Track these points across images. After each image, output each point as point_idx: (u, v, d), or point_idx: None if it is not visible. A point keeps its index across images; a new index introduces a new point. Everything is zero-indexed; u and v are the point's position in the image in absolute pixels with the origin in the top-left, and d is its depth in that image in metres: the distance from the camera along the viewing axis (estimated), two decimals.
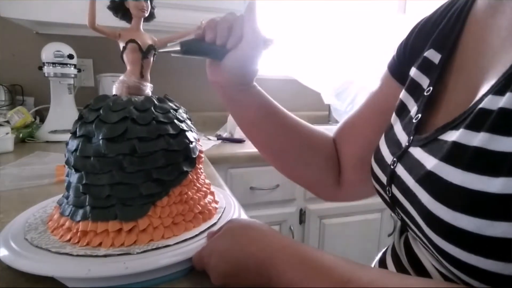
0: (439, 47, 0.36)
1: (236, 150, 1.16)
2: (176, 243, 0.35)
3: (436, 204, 0.25)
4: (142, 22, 0.44)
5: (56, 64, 1.13)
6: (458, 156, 0.25)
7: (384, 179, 0.36)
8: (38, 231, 0.37)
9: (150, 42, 0.44)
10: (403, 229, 0.41)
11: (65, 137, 1.10)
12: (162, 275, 0.34)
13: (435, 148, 0.28)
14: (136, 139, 0.36)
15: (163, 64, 1.47)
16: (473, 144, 0.24)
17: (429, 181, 0.27)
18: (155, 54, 0.45)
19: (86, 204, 0.35)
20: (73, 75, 1.18)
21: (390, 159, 0.35)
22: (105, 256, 0.32)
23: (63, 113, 1.19)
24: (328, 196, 0.55)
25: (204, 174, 0.46)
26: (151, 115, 0.38)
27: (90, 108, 0.39)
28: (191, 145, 0.41)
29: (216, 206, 0.44)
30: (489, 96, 0.25)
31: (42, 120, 1.22)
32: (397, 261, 0.37)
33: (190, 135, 0.41)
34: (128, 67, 0.43)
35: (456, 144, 0.26)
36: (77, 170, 0.37)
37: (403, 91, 0.39)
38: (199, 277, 0.35)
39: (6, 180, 0.67)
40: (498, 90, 0.24)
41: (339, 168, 0.52)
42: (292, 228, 1.24)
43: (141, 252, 0.33)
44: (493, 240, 0.21)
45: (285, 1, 1.61)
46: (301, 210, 1.25)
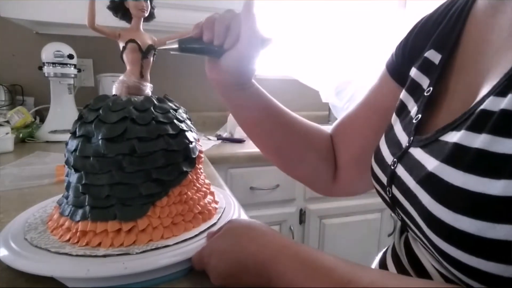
0: (439, 47, 0.36)
1: (236, 150, 1.16)
2: (176, 243, 0.35)
3: (437, 205, 0.25)
4: (142, 22, 0.44)
5: (56, 64, 1.13)
6: (459, 157, 0.25)
7: (384, 180, 0.36)
8: (38, 231, 0.37)
9: (150, 42, 0.44)
10: (403, 229, 0.41)
11: (65, 137, 1.10)
12: (161, 275, 0.34)
13: (435, 149, 0.28)
14: (136, 139, 0.36)
15: (163, 64, 1.47)
16: (475, 145, 0.24)
17: (430, 182, 0.27)
18: (155, 54, 0.45)
19: (86, 204, 0.35)
20: (73, 75, 1.18)
21: (390, 159, 0.35)
22: (104, 256, 0.32)
23: (63, 113, 1.19)
24: (324, 191, 0.56)
25: (204, 174, 0.46)
26: (150, 115, 0.38)
27: (89, 108, 0.39)
28: (190, 145, 0.40)
29: (216, 206, 0.44)
30: (491, 97, 0.25)
31: (42, 120, 1.22)
32: (397, 261, 0.37)
33: (190, 135, 0.41)
34: (128, 67, 0.43)
35: (457, 146, 0.25)
36: (76, 170, 0.37)
37: (403, 91, 0.39)
38: (199, 277, 0.35)
39: (6, 180, 0.67)
40: (500, 91, 0.24)
41: (335, 164, 0.53)
42: (292, 228, 1.24)
43: (141, 252, 0.33)
44: (494, 243, 0.21)
45: (283, 0, 1.60)
46: (301, 210, 1.25)
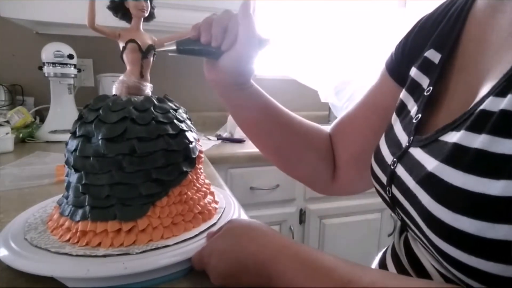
0: (439, 47, 0.36)
1: (236, 150, 1.16)
2: (176, 243, 0.35)
3: (436, 205, 0.25)
4: (142, 22, 0.44)
5: (56, 64, 1.13)
6: (459, 157, 0.25)
7: (384, 179, 0.36)
8: (38, 231, 0.37)
9: (150, 42, 0.44)
10: (402, 229, 0.41)
11: (65, 137, 1.10)
12: (161, 275, 0.34)
13: (435, 149, 0.28)
14: (136, 139, 0.36)
15: (163, 64, 1.47)
16: (474, 146, 0.24)
17: (430, 182, 0.27)
18: (155, 54, 0.45)
19: (86, 204, 0.35)
20: (73, 75, 1.18)
21: (390, 159, 0.35)
22: (104, 256, 0.32)
23: (63, 113, 1.19)
24: (323, 190, 0.56)
25: (204, 174, 0.46)
26: (150, 115, 0.38)
27: (89, 108, 0.39)
28: (190, 145, 0.40)
29: (216, 206, 0.44)
30: (490, 98, 0.25)
31: (42, 120, 1.22)
32: (397, 261, 0.37)
33: (190, 135, 0.41)
34: (128, 67, 0.43)
35: (457, 146, 0.25)
36: (76, 170, 0.37)
37: (403, 91, 0.39)
38: (199, 277, 0.35)
39: (6, 180, 0.67)
40: (500, 91, 0.24)
41: (334, 163, 0.53)
42: (292, 228, 1.24)
43: (140, 252, 0.33)
44: (494, 243, 0.21)
45: (282, 0, 1.60)
46: (301, 210, 1.25)
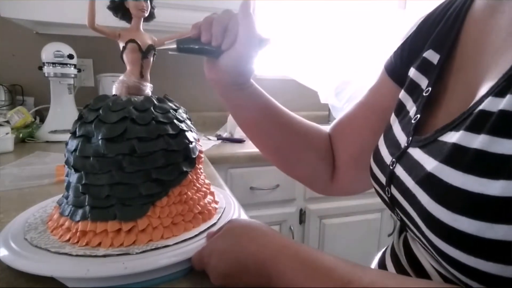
0: (438, 47, 0.36)
1: (236, 150, 1.16)
2: (176, 243, 0.35)
3: (436, 206, 0.25)
4: (142, 22, 0.44)
5: (56, 64, 1.13)
6: (458, 158, 0.25)
7: (383, 180, 0.36)
8: (38, 231, 0.37)
9: (150, 42, 0.44)
10: (402, 229, 0.41)
11: (65, 137, 1.10)
12: (161, 275, 0.34)
13: (434, 150, 0.28)
14: (136, 139, 0.36)
15: (163, 64, 1.47)
16: (473, 146, 0.24)
17: (429, 182, 0.27)
18: (155, 54, 0.45)
19: (86, 204, 0.35)
20: (73, 75, 1.18)
21: (389, 159, 0.35)
22: (104, 256, 0.32)
23: (63, 113, 1.19)
24: (323, 190, 0.56)
25: (204, 174, 0.46)
26: (150, 115, 0.38)
27: (89, 108, 0.39)
28: (190, 145, 0.40)
29: (216, 206, 0.44)
30: (489, 98, 0.25)
31: (42, 120, 1.22)
32: (396, 261, 0.37)
33: (190, 135, 0.41)
34: (128, 67, 0.43)
35: (456, 146, 0.26)
36: (76, 170, 0.37)
37: (402, 91, 0.39)
38: (199, 277, 0.35)
39: (6, 180, 0.67)
40: (499, 91, 0.24)
41: (334, 163, 0.53)
42: (292, 228, 1.24)
43: (140, 252, 0.33)
44: (493, 243, 0.21)
45: (282, 0, 1.60)
46: (301, 210, 1.25)
